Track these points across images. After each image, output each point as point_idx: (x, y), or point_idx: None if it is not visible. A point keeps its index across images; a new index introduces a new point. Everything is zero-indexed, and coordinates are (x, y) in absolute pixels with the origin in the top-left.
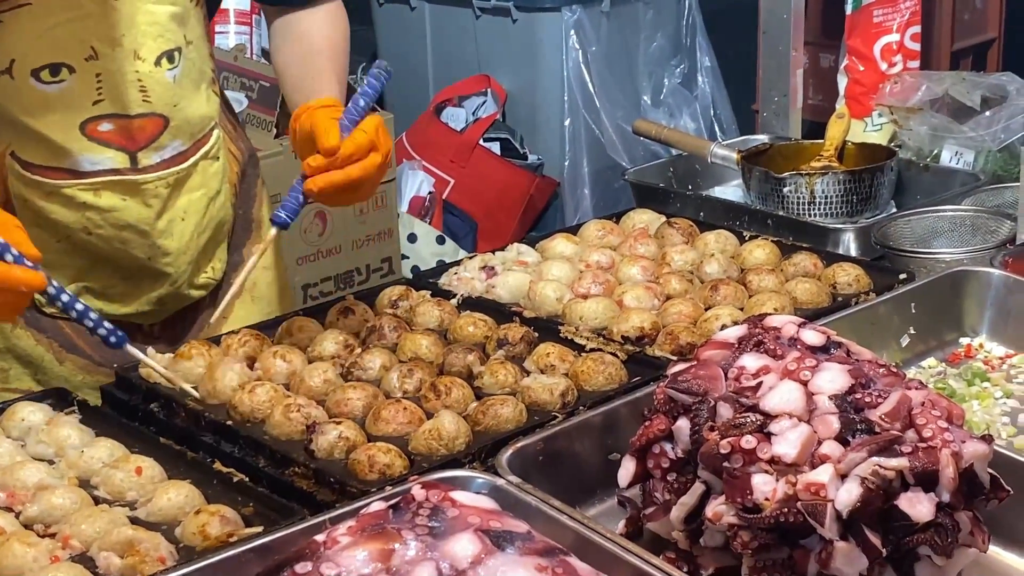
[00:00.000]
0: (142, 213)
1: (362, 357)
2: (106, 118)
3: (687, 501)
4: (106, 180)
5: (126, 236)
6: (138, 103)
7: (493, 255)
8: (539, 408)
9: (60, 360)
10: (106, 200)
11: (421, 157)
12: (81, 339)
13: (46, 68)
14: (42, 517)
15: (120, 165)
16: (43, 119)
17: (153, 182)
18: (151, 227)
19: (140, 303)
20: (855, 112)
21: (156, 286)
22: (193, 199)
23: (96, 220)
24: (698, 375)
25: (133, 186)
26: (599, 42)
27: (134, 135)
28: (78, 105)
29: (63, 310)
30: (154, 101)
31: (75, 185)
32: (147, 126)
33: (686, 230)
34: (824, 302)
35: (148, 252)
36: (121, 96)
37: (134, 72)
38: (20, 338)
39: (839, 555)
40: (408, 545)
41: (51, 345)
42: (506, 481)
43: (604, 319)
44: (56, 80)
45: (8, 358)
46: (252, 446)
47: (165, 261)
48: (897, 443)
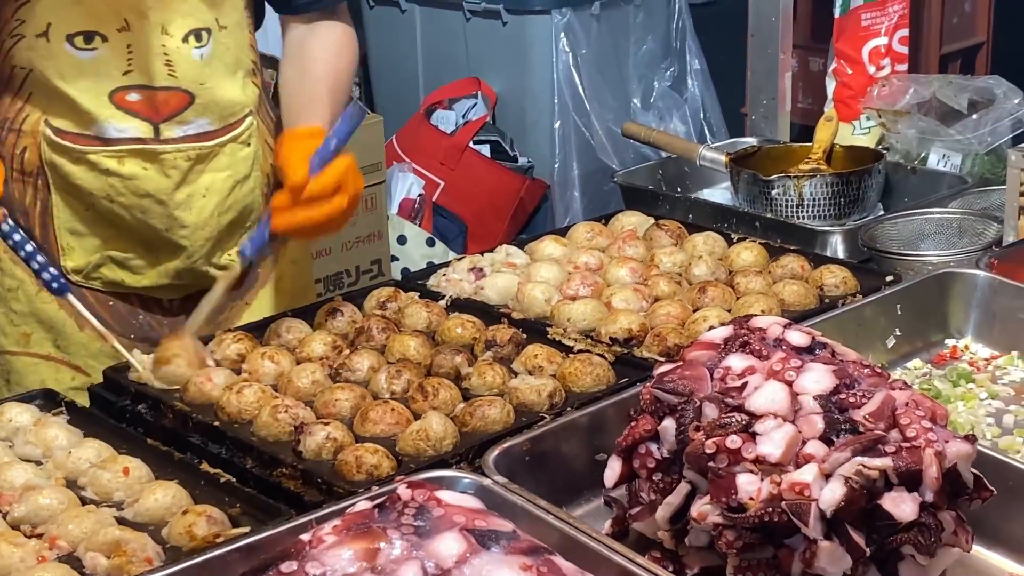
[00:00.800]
0: (161, 183)
1: (350, 358)
2: (134, 88)
3: (672, 501)
4: (129, 148)
5: (145, 205)
6: (163, 76)
7: (482, 257)
8: (527, 409)
9: (80, 326)
10: (128, 168)
11: (411, 159)
12: (103, 308)
13: (80, 35)
14: (29, 518)
15: (143, 135)
16: (75, 84)
17: (172, 154)
18: (169, 198)
19: (159, 275)
20: (843, 115)
21: (173, 259)
22: (218, 178)
23: (119, 187)
24: (684, 375)
25: (153, 156)
26: (589, 45)
27: (158, 107)
28: (109, 73)
29: (12, 248)
30: (179, 76)
31: (100, 152)
32: (171, 100)
33: (674, 232)
34: (811, 304)
35: (166, 223)
36: (148, 68)
37: (161, 46)
38: (45, 302)
39: (823, 554)
40: (393, 544)
41: (73, 311)
42: (492, 481)
43: (592, 320)
44: (89, 47)
45: (31, 322)
46: (239, 447)
47: (182, 234)
48: (881, 443)
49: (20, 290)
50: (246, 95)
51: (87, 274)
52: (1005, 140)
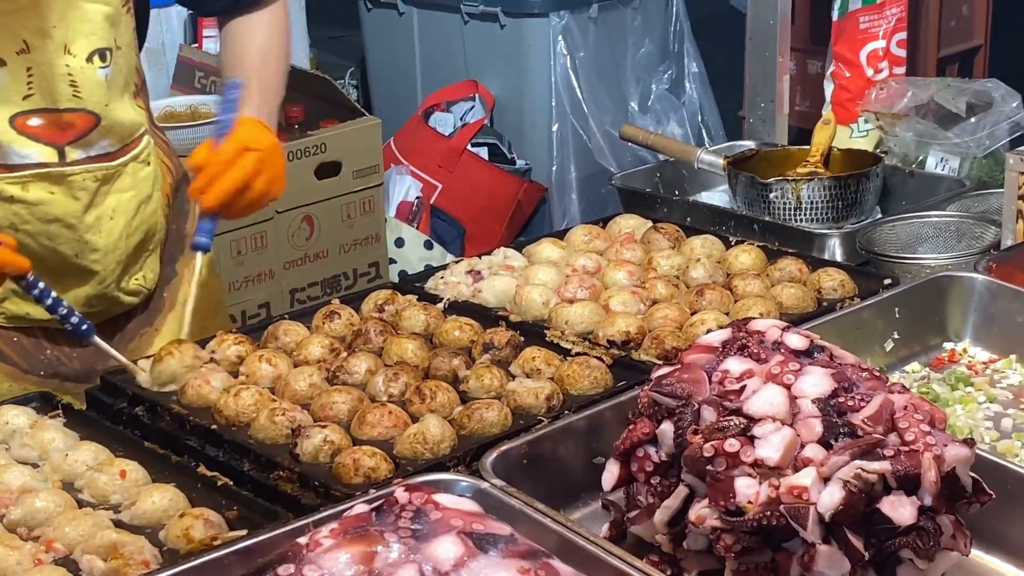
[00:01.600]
0: (70, 206)
1: (348, 361)
2: (36, 112)
3: (671, 504)
4: (33, 173)
5: (53, 231)
6: (68, 97)
7: (479, 259)
8: (524, 412)
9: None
10: (34, 193)
11: (409, 162)
12: (8, 347)
13: None
14: (25, 520)
15: (47, 159)
16: None
17: (80, 175)
18: (79, 221)
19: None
20: (841, 118)
21: (84, 286)
22: (123, 199)
23: (24, 215)
24: (682, 379)
25: (60, 178)
26: (587, 48)
27: (63, 129)
28: (8, 99)
29: (37, 299)
30: (85, 97)
31: (3, 179)
32: (77, 121)
33: (672, 235)
34: (809, 307)
35: (76, 248)
36: (51, 90)
37: (65, 66)
38: None
39: (821, 558)
40: (391, 548)
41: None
42: (490, 484)
43: (590, 323)
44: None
45: None
46: (237, 450)
47: (93, 258)
48: (879, 447)
49: None
50: (137, 115)
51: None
52: (1003, 143)
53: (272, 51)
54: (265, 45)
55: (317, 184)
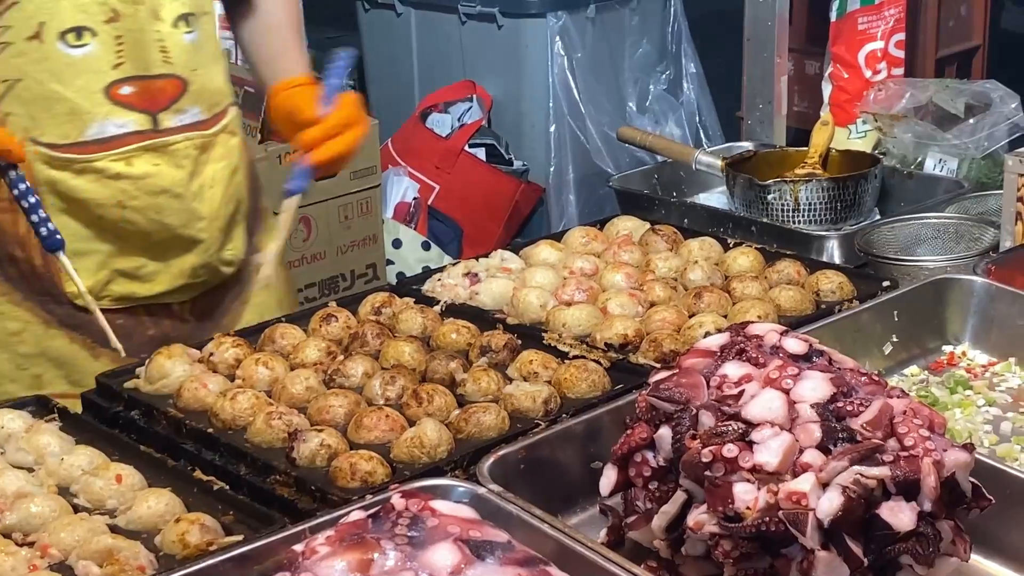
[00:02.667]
0: (175, 176)
1: (344, 364)
2: (127, 81)
3: (669, 510)
4: (135, 147)
5: (161, 203)
6: (159, 64)
7: (477, 262)
8: (522, 415)
9: (95, 356)
10: (139, 167)
11: (406, 163)
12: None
13: (72, 31)
14: (21, 525)
15: (143, 127)
16: (71, 85)
17: (181, 143)
18: (185, 190)
19: (173, 277)
20: (839, 119)
21: (188, 257)
22: (218, 169)
23: (130, 191)
24: (680, 383)
25: (162, 148)
26: (584, 48)
27: (155, 96)
28: (100, 69)
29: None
30: (174, 62)
31: (106, 156)
32: (167, 87)
33: (670, 237)
34: (808, 309)
35: (183, 218)
36: (142, 56)
37: (155, 32)
38: (54, 338)
39: (820, 564)
40: (387, 555)
41: (85, 342)
42: (487, 490)
43: (587, 326)
44: (80, 44)
45: (41, 362)
46: (233, 454)
47: (199, 227)
48: (879, 452)
49: (26, 331)
50: (227, 85)
51: (96, 294)
52: (1002, 144)
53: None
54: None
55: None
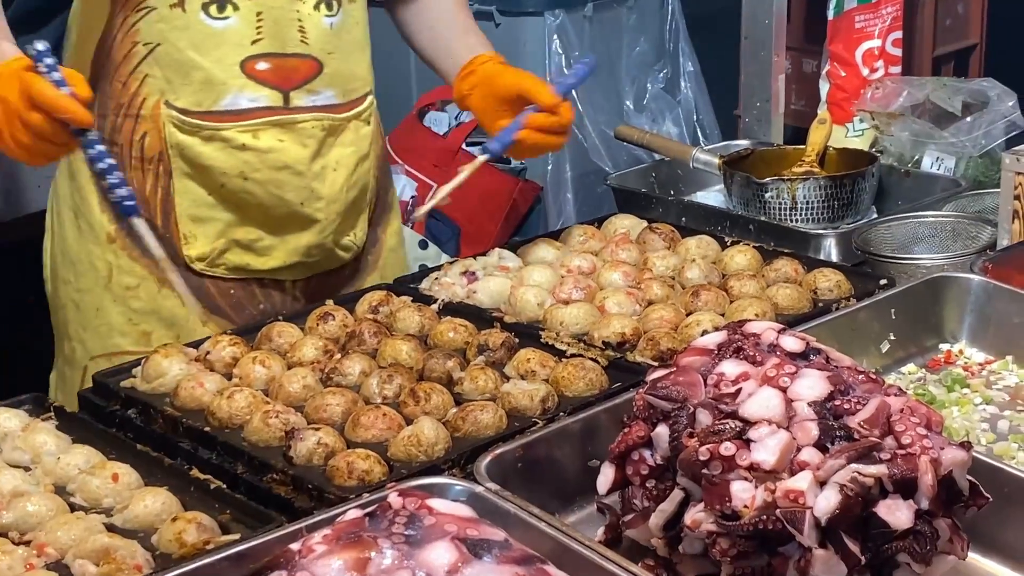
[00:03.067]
0: (299, 153)
1: (342, 363)
2: (263, 57)
3: (666, 508)
4: (263, 121)
5: (282, 178)
6: (295, 43)
7: (474, 260)
8: (519, 414)
9: (204, 322)
10: (264, 141)
11: (404, 161)
12: (224, 299)
13: (214, 3)
14: (17, 524)
15: (273, 103)
16: (209, 55)
17: (309, 122)
18: (307, 168)
19: (288, 254)
20: (837, 117)
21: (305, 235)
22: (345, 153)
23: (254, 163)
24: (677, 381)
25: (290, 125)
26: (582, 47)
27: (288, 75)
28: (239, 42)
29: (91, 160)
30: (311, 43)
31: (234, 127)
32: (301, 67)
33: (668, 235)
34: (805, 308)
35: (302, 195)
36: (280, 34)
37: (295, 11)
38: (167, 298)
39: (818, 562)
40: (384, 554)
41: (196, 306)
42: (485, 488)
43: (585, 325)
44: (222, 16)
45: (152, 320)
46: (230, 452)
47: (317, 207)
48: (876, 450)
49: (141, 288)
50: (369, 73)
51: (211, 261)
52: (999, 143)
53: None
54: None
55: None
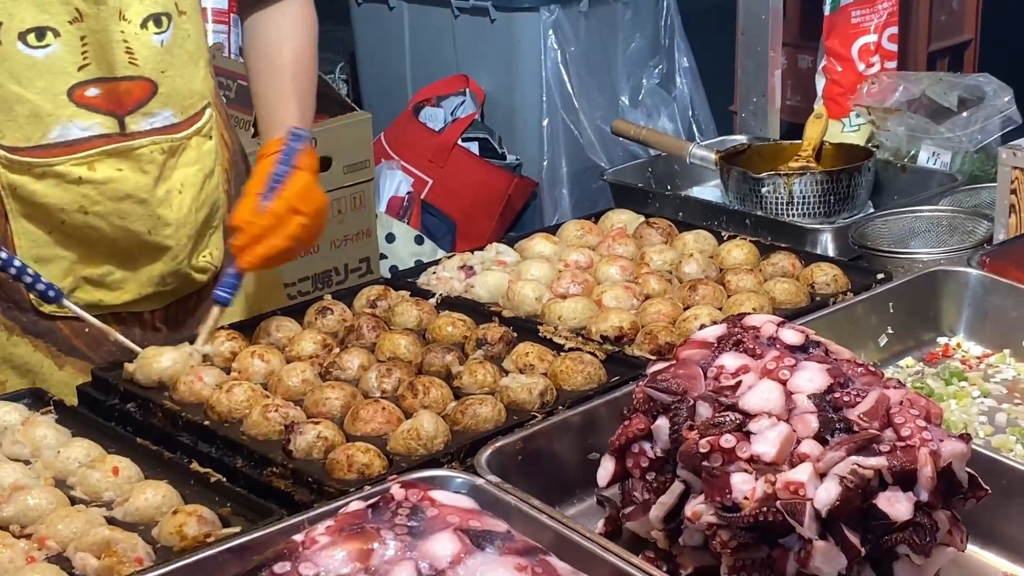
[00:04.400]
0: (140, 180)
1: (340, 357)
2: (93, 83)
3: (666, 500)
4: (98, 151)
5: (125, 208)
6: (124, 65)
7: (472, 255)
8: (518, 408)
9: (59, 365)
10: (101, 172)
11: (399, 157)
12: (78, 339)
13: (32, 32)
14: (18, 518)
15: (109, 131)
16: (32, 86)
17: (148, 147)
18: (150, 195)
19: (141, 285)
20: (833, 112)
21: (156, 264)
22: (189, 173)
23: (93, 196)
24: (677, 374)
25: (127, 153)
26: (578, 42)
27: (121, 98)
28: (64, 70)
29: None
30: (141, 64)
31: (67, 160)
32: (134, 89)
33: (665, 230)
34: (802, 302)
35: (148, 224)
36: (107, 57)
37: (119, 33)
38: (17, 345)
39: (818, 554)
40: (387, 545)
41: (49, 350)
42: (485, 481)
43: (583, 319)
44: (42, 44)
45: (5, 369)
46: (229, 446)
47: (166, 233)
48: (875, 442)
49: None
50: (205, 85)
51: (59, 304)
52: (995, 138)
53: (305, 53)
54: (299, 48)
55: None
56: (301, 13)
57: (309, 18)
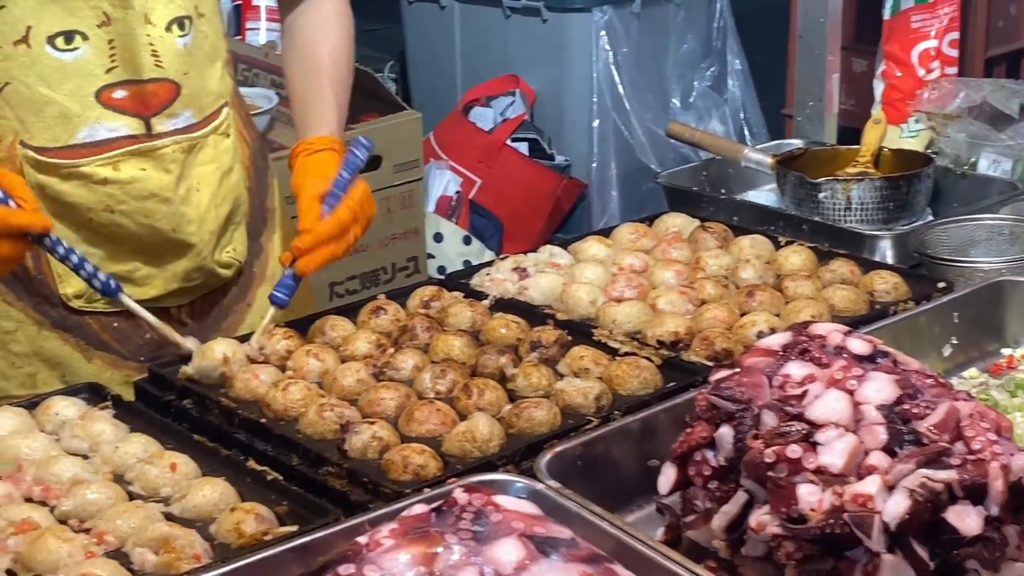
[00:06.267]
0: (163, 180)
1: (395, 357)
2: (120, 85)
3: (729, 510)
4: (123, 152)
5: (150, 207)
6: (150, 68)
7: (525, 256)
8: (573, 412)
9: (88, 358)
10: (126, 172)
11: (448, 157)
12: (107, 333)
13: (61, 35)
14: (76, 512)
15: (135, 132)
16: (60, 88)
17: (170, 147)
18: (173, 193)
19: (167, 281)
20: (891, 118)
21: (181, 260)
22: (206, 172)
23: (118, 195)
24: (742, 382)
25: (150, 153)
26: (629, 43)
27: (147, 100)
28: (93, 73)
29: (61, 258)
30: (166, 66)
31: (93, 161)
32: (160, 91)
33: (720, 234)
34: (862, 310)
35: (172, 222)
36: (134, 60)
37: (145, 36)
38: (47, 339)
39: (886, 568)
40: (452, 549)
41: (78, 344)
42: (545, 486)
43: (638, 323)
44: (70, 48)
45: (35, 362)
46: (285, 444)
47: (190, 230)
48: (945, 455)
49: (19, 331)
50: (223, 85)
51: (89, 297)
52: None
53: (344, 56)
54: (336, 49)
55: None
56: (336, 11)
57: (345, 16)
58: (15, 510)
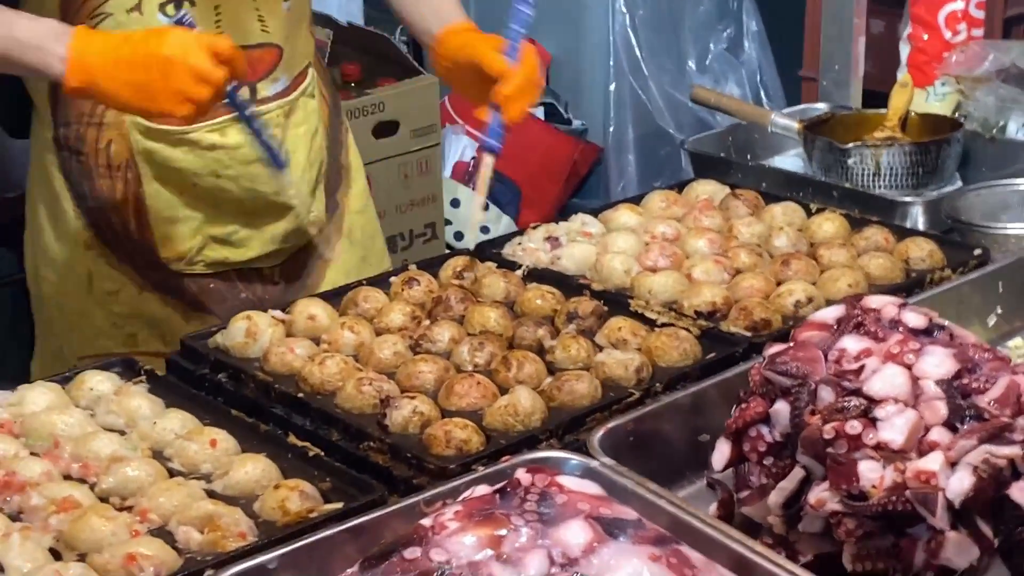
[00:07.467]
0: None
1: (431, 329)
2: None
3: (786, 486)
4: (230, 118)
5: (254, 171)
6: (257, 33)
7: (556, 225)
8: (613, 384)
9: (186, 319)
10: (232, 138)
11: (465, 122)
12: (204, 296)
13: (171, 2)
14: (118, 490)
15: (243, 98)
16: None
17: (275, 111)
18: None
19: (265, 243)
20: (918, 81)
21: (280, 222)
22: (298, 134)
23: (224, 160)
24: (797, 357)
25: None
26: (646, 5)
27: (254, 66)
28: None
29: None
30: (272, 31)
31: (201, 128)
32: (265, 56)
33: (751, 202)
34: (898, 278)
35: (275, 185)
36: (241, 26)
37: (252, 2)
38: (148, 301)
39: (950, 545)
40: (519, 532)
41: (177, 305)
42: (600, 463)
43: (674, 293)
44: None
45: (136, 323)
46: (324, 419)
47: (290, 193)
48: (1007, 430)
49: (122, 292)
50: (308, 45)
51: (190, 260)
52: None
53: None
54: None
55: (375, 143)
56: None
57: None
58: (55, 488)
